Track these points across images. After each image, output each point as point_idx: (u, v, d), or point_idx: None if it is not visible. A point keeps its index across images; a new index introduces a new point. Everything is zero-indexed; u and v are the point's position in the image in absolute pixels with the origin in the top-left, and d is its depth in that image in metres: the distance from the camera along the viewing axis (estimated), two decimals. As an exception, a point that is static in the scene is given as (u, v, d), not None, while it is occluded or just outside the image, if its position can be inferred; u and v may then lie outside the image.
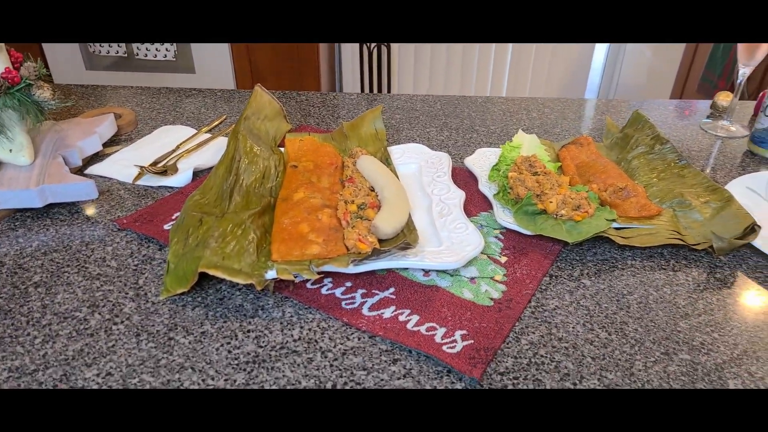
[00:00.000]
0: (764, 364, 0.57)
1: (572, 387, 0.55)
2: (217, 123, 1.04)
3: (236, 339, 0.60)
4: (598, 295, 0.66)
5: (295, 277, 0.65)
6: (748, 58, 0.98)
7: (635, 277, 0.69)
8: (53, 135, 0.92)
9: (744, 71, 1.00)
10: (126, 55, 2.47)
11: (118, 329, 0.61)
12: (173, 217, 0.79)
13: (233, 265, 0.65)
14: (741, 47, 0.98)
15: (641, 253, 0.73)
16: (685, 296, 0.66)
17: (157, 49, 2.42)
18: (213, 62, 2.41)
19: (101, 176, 0.90)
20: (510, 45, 2.69)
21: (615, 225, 0.73)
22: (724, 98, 1.09)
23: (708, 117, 1.12)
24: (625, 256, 0.72)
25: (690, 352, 0.58)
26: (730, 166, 0.94)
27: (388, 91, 2.69)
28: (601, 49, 2.85)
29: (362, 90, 2.65)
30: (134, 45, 2.44)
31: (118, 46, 2.45)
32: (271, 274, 0.64)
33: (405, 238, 0.69)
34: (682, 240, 0.71)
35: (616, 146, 0.94)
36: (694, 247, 0.71)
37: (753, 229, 0.70)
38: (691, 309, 0.64)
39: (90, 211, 0.81)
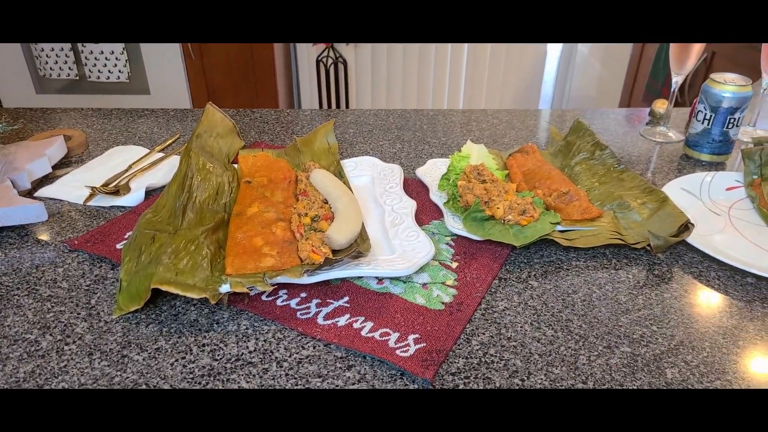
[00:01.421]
0: (699, 353, 0.60)
1: (520, 383, 0.57)
2: (170, 142, 1.05)
3: (191, 353, 0.60)
4: (545, 295, 0.69)
5: (250, 290, 0.65)
6: (679, 67, 1.04)
7: (579, 277, 0.72)
8: (1, 158, 0.91)
9: (676, 80, 1.06)
10: (78, 77, 2.44)
11: (70, 349, 0.61)
12: (126, 237, 0.78)
13: (187, 281, 0.65)
14: (672, 58, 1.04)
15: (585, 254, 0.76)
16: (626, 293, 0.69)
17: (110, 71, 2.39)
18: (168, 83, 2.39)
19: (51, 198, 0.89)
20: (464, 59, 2.75)
21: (559, 228, 0.77)
22: (660, 106, 1.15)
23: (647, 123, 1.17)
24: (569, 257, 0.75)
25: (630, 345, 0.61)
26: (668, 169, 0.99)
27: (347, 105, 2.72)
28: (552, 61, 2.95)
29: (320, 105, 2.67)
30: (86, 67, 2.40)
31: (69, 68, 2.41)
32: (225, 288, 0.65)
33: (358, 247, 0.70)
34: (622, 240, 0.75)
35: (559, 153, 0.98)
36: (633, 246, 0.75)
37: (687, 226, 0.74)
38: (631, 305, 0.67)
39: (40, 233, 0.80)
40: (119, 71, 2.38)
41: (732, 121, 0.95)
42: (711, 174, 0.91)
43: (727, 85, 0.93)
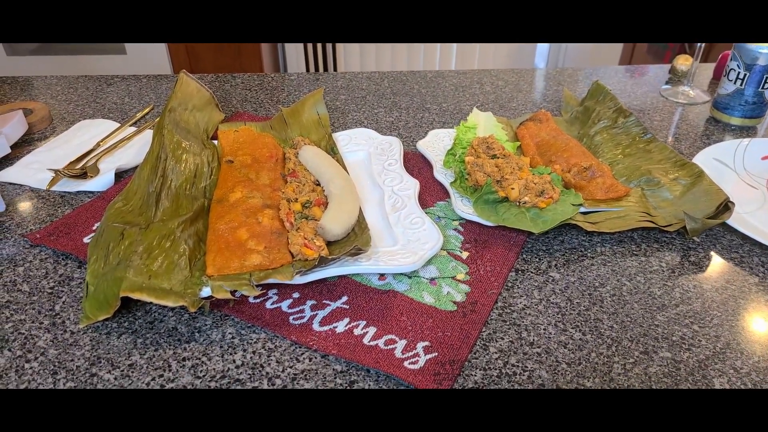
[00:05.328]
0: (749, 357, 0.53)
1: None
2: (142, 114, 0.94)
3: (170, 370, 0.53)
4: (569, 290, 0.61)
5: (234, 294, 0.57)
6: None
7: (606, 266, 0.64)
8: (-50, 138, 0.81)
9: (703, 34, 0.95)
10: (49, 37, 2.28)
11: (31, 367, 0.53)
12: (94, 228, 0.69)
13: (162, 285, 0.57)
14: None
15: (610, 238, 0.68)
16: (660, 285, 0.61)
17: (82, 30, 2.24)
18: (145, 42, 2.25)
19: (11, 183, 0.79)
20: (459, 12, 2.60)
21: (581, 209, 0.68)
22: (683, 62, 1.05)
23: (667, 83, 1.07)
24: (594, 243, 0.67)
25: (670, 349, 0.54)
26: (694, 136, 0.90)
27: (334, 68, 2.58)
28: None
29: (307, 68, 2.54)
30: (57, 26, 2.24)
31: (39, 28, 2.25)
32: (206, 292, 0.57)
33: (356, 239, 0.62)
34: (653, 222, 0.67)
35: (576, 121, 0.88)
36: (665, 228, 0.66)
37: (727, 206, 0.66)
38: (667, 299, 0.60)
39: (-4, 225, 0.71)
40: (92, 30, 2.22)
41: (768, 80, 0.85)
42: (745, 141, 0.82)
43: (764, 41, 0.84)
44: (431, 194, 0.75)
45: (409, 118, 0.96)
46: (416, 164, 0.82)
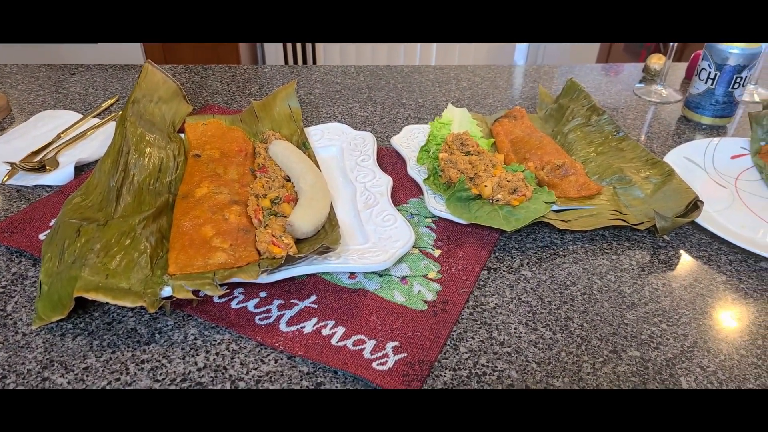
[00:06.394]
0: (715, 356, 0.53)
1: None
2: (107, 106, 0.91)
3: (127, 373, 0.50)
4: (540, 288, 0.60)
5: (197, 293, 0.55)
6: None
7: (578, 265, 0.63)
8: None
9: (676, 33, 0.95)
10: (14, 25, 2.20)
11: (-21, 371, 0.50)
12: (51, 224, 0.67)
13: (120, 284, 0.54)
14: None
15: (582, 237, 0.68)
16: (630, 283, 0.61)
17: (49, 18, 2.17)
18: (116, 32, 2.19)
19: (-36, 176, 0.75)
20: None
21: (554, 207, 0.68)
22: (656, 61, 1.05)
23: (641, 81, 1.08)
24: (566, 241, 0.67)
25: (639, 348, 0.54)
26: (666, 134, 0.91)
27: (314, 61, 2.55)
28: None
29: (286, 60, 2.50)
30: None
31: (4, 15, 2.17)
32: (167, 291, 0.55)
33: (326, 237, 0.60)
34: (624, 220, 0.66)
35: (551, 118, 0.88)
36: (636, 227, 0.66)
37: (696, 205, 0.66)
38: (637, 298, 0.59)
39: (-52, 220, 0.68)
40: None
41: (738, 80, 0.86)
42: (715, 140, 0.83)
43: (735, 41, 0.84)
44: (404, 191, 0.74)
45: (384, 113, 0.95)
46: (390, 160, 0.80)
